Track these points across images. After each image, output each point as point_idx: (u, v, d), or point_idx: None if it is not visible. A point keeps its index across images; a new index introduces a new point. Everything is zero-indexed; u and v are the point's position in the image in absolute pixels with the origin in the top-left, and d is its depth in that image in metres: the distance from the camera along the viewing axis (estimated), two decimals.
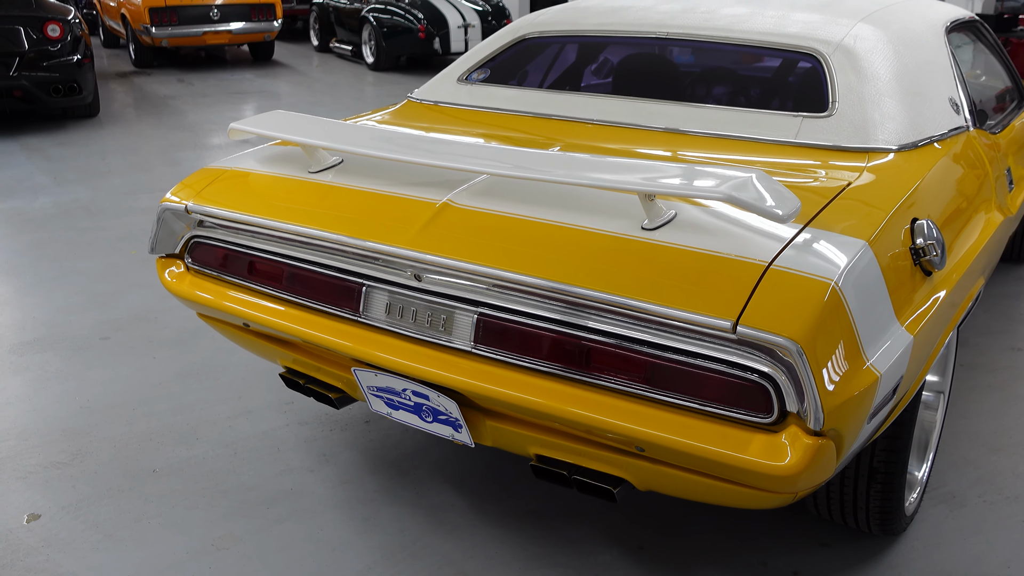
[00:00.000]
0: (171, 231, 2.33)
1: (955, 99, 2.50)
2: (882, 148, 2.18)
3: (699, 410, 1.63)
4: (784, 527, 2.44)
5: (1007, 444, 2.85)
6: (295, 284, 2.11)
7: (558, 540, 2.40)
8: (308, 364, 2.24)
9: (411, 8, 10.92)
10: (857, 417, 1.59)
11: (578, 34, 2.87)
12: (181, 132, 7.77)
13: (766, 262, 1.61)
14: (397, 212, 1.97)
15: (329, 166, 2.23)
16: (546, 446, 1.90)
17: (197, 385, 3.25)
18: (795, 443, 1.54)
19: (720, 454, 1.58)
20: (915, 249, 1.86)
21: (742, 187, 1.63)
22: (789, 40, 2.49)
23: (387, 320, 1.97)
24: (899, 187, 1.99)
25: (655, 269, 1.66)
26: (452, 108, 2.81)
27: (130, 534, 2.43)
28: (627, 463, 1.79)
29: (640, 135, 2.41)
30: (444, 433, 2.03)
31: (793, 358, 1.49)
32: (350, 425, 2.96)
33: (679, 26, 2.70)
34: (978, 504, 2.55)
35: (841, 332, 1.56)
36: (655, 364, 1.65)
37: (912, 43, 2.53)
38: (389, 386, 2.02)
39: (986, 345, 3.58)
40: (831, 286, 1.56)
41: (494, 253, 1.79)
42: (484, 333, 1.84)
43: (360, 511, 2.53)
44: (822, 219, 1.78)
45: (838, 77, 2.33)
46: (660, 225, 1.76)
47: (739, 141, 2.30)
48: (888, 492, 2.15)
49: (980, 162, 2.49)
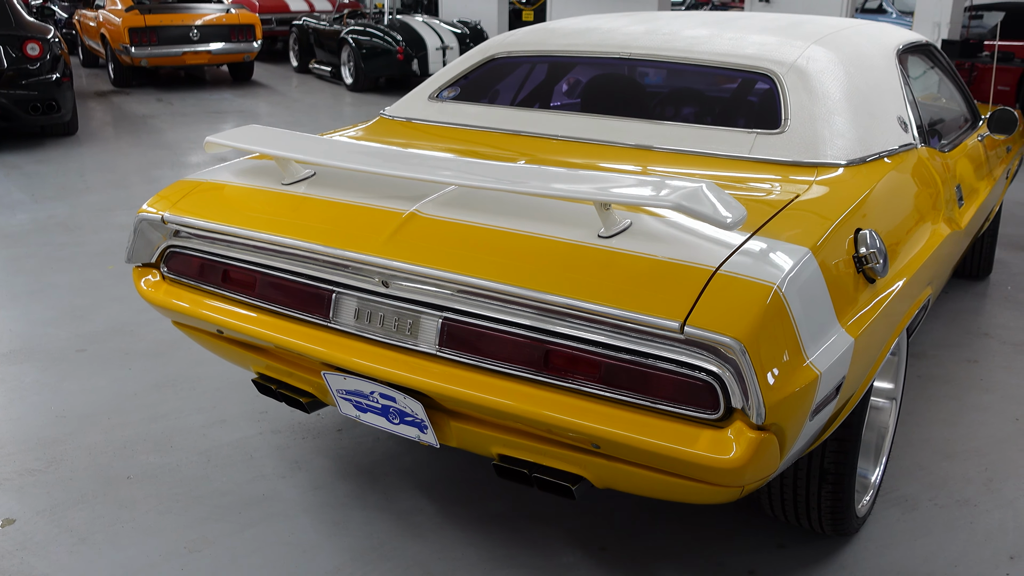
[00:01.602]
0: (147, 241, 2.40)
1: (903, 118, 2.62)
2: (831, 163, 2.28)
3: (651, 408, 1.72)
4: (741, 529, 2.52)
5: (959, 451, 2.95)
6: (268, 291, 2.18)
7: (523, 542, 2.47)
8: (280, 370, 2.31)
9: (390, 30, 11.04)
10: (798, 413, 1.68)
11: (546, 54, 2.98)
12: (159, 150, 7.82)
13: (713, 267, 1.70)
14: (366, 221, 2.05)
15: (302, 178, 2.31)
16: (508, 446, 1.97)
17: (172, 395, 3.30)
18: (740, 437, 1.63)
19: (670, 449, 1.67)
20: (858, 257, 1.96)
21: (691, 196, 1.73)
22: (745, 61, 2.60)
23: (356, 325, 2.04)
24: (845, 199, 2.10)
25: (610, 274, 1.75)
26: (423, 124, 2.91)
27: (104, 538, 2.48)
28: (584, 460, 1.87)
29: (603, 150, 2.51)
30: (410, 434, 2.10)
31: (737, 356, 1.58)
32: (322, 433, 3.02)
33: (642, 47, 2.80)
34: (929, 507, 2.65)
35: (783, 332, 1.65)
36: (610, 365, 1.74)
37: (863, 64, 2.65)
38: (358, 389, 2.09)
39: (944, 357, 3.69)
40: (773, 289, 1.66)
41: (458, 260, 1.88)
42: (449, 337, 1.91)
43: (331, 515, 2.59)
44: (769, 228, 1.88)
45: (791, 96, 2.44)
46: (615, 233, 1.85)
47: (696, 156, 2.41)
48: (839, 492, 2.23)
49: (928, 178, 2.60)
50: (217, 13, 11.38)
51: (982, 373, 3.55)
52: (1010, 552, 2.44)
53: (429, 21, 11.59)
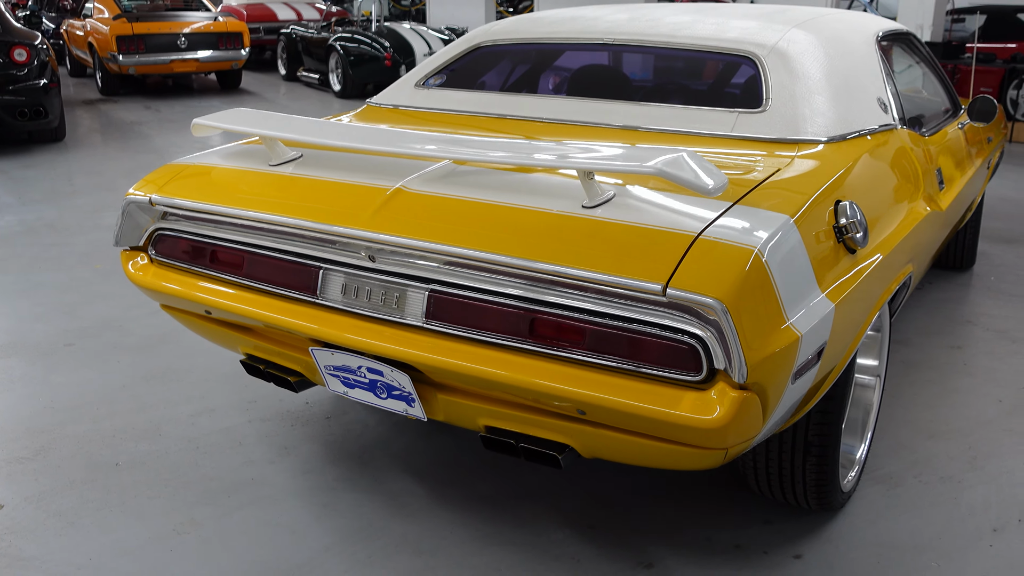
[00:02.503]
0: (135, 224, 2.41)
1: (883, 99, 2.66)
2: (812, 140, 2.32)
3: (636, 372, 1.74)
4: (729, 506, 2.54)
5: (943, 431, 2.98)
6: (256, 270, 2.20)
7: (512, 521, 2.48)
8: (268, 349, 2.32)
9: (378, 37, 11.08)
10: (780, 374, 1.70)
11: (531, 41, 3.01)
12: (147, 155, 7.82)
13: (695, 232, 1.73)
14: (352, 197, 2.07)
15: (289, 159, 2.33)
16: (494, 416, 1.99)
17: (161, 387, 3.31)
18: (722, 397, 1.65)
19: (654, 411, 1.69)
20: (838, 227, 1.99)
21: (673, 163, 1.76)
22: (728, 44, 2.64)
23: (343, 300, 2.06)
24: (825, 173, 2.13)
25: (594, 242, 1.77)
26: (410, 110, 2.93)
27: (92, 521, 2.48)
28: (571, 428, 1.89)
29: (588, 131, 2.54)
30: (398, 408, 2.11)
31: (718, 316, 1.61)
32: (311, 421, 3.03)
33: (626, 33, 2.84)
34: (913, 484, 2.67)
35: (763, 294, 1.68)
36: (595, 331, 1.76)
37: (843, 47, 2.69)
38: (345, 364, 2.10)
39: (928, 344, 3.72)
40: (755, 252, 1.68)
41: (443, 231, 1.90)
42: (435, 309, 1.93)
43: (319, 498, 2.60)
44: (750, 198, 1.91)
45: (772, 77, 2.47)
46: (599, 204, 1.87)
47: (680, 135, 2.44)
48: (823, 466, 2.26)
49: (908, 157, 2.64)
50: (205, 21, 11.40)
51: (966, 358, 3.58)
52: (993, 525, 2.47)
53: (417, 28, 11.64)
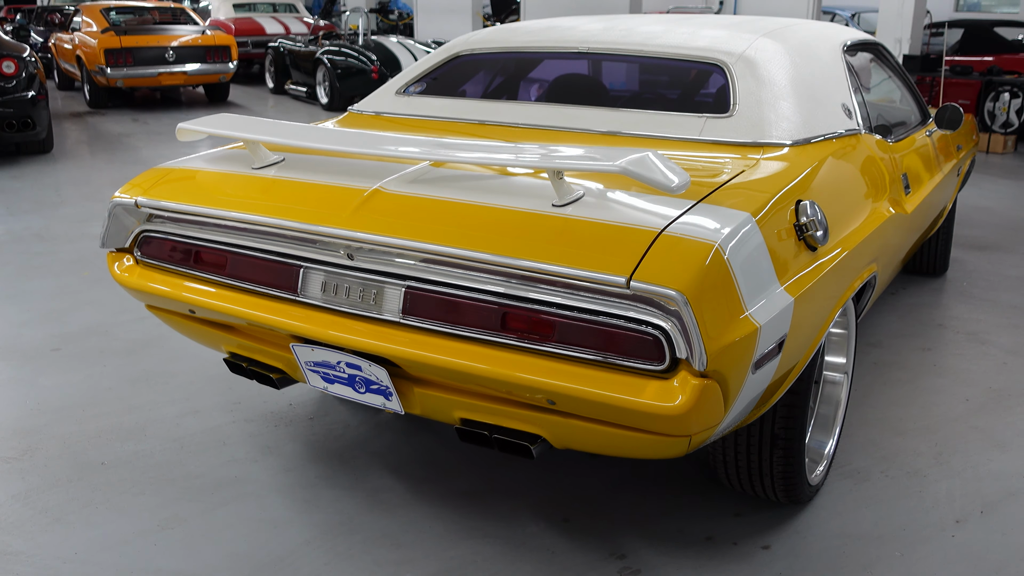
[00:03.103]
0: (121, 226, 2.47)
1: (847, 105, 2.75)
2: (777, 143, 2.40)
3: (603, 363, 1.81)
4: (700, 500, 2.61)
5: (910, 428, 3.07)
6: (239, 269, 2.26)
7: (489, 515, 2.54)
8: (250, 347, 2.39)
9: (365, 50, 11.18)
10: (740, 363, 1.78)
11: (509, 50, 3.09)
12: (135, 166, 7.87)
13: (659, 229, 1.81)
14: (332, 198, 2.14)
15: (271, 163, 2.40)
16: (469, 409, 2.06)
17: (147, 389, 3.36)
18: (684, 385, 1.73)
19: (620, 400, 1.76)
20: (798, 225, 2.07)
21: (638, 162, 1.83)
22: (698, 52, 2.73)
23: (323, 298, 2.13)
24: (788, 174, 2.21)
25: (563, 238, 1.85)
26: (391, 117, 3.01)
27: (78, 518, 2.53)
28: (542, 419, 1.96)
29: (563, 135, 2.62)
30: (376, 402, 2.18)
31: (680, 307, 1.68)
32: (294, 421, 3.09)
33: (601, 42, 2.93)
34: (880, 479, 2.75)
35: (723, 287, 1.76)
36: (564, 323, 1.83)
37: (809, 56, 2.78)
38: (325, 360, 2.17)
39: (899, 346, 3.81)
40: (715, 247, 1.76)
41: (420, 229, 1.97)
42: (411, 304, 2.00)
43: (301, 494, 2.66)
44: (714, 197, 1.99)
45: (739, 83, 2.56)
46: (568, 203, 1.95)
47: (650, 139, 2.52)
48: (789, 458, 2.33)
49: (872, 161, 2.73)
50: (193, 35, 11.48)
51: (936, 359, 3.67)
52: (956, 516, 2.55)
53: (404, 42, 11.74)
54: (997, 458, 2.87)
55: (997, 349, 3.78)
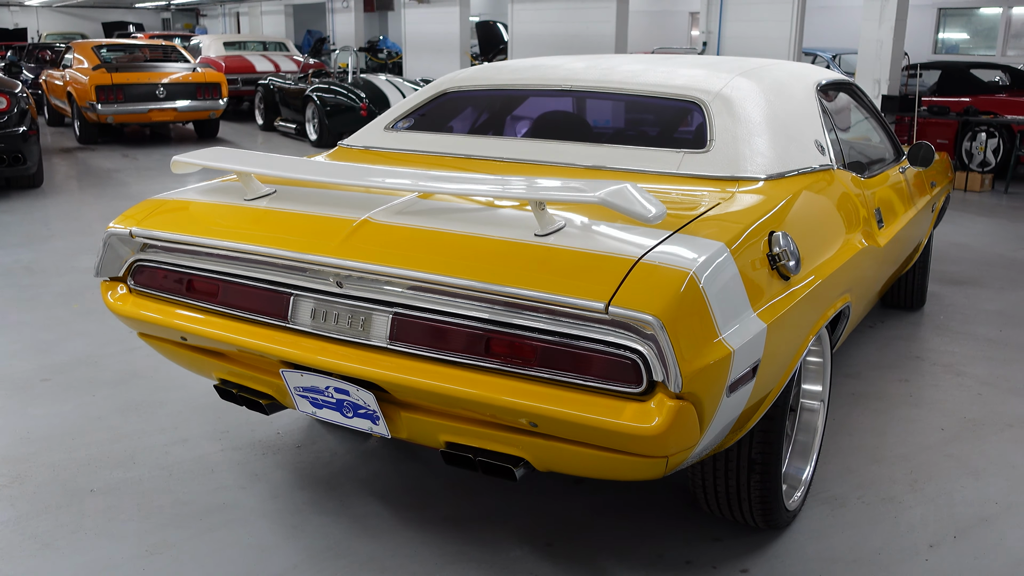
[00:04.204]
0: (116, 255, 2.53)
1: (820, 142, 2.85)
2: (751, 177, 2.50)
3: (583, 386, 1.88)
4: (680, 524, 2.66)
5: (887, 456, 3.13)
6: (230, 297, 2.33)
7: (474, 540, 2.59)
8: (240, 373, 2.44)
9: (354, 88, 11.33)
10: (714, 385, 1.85)
11: (494, 88, 3.19)
12: (124, 201, 7.93)
13: (636, 257, 1.88)
14: (322, 228, 2.21)
15: (263, 195, 2.47)
16: (454, 432, 2.12)
17: (136, 418, 3.40)
18: (660, 407, 1.79)
19: (599, 421, 1.82)
20: (771, 255, 2.16)
21: (616, 193, 1.92)
22: (676, 90, 2.83)
23: (313, 324, 2.19)
24: (762, 207, 2.30)
25: (544, 266, 1.92)
26: (380, 151, 3.09)
27: (67, 544, 2.56)
28: (524, 442, 2.02)
29: (546, 169, 2.71)
30: (363, 427, 2.24)
31: (656, 331, 1.76)
32: (282, 450, 3.13)
33: (583, 80, 3.03)
34: (857, 504, 2.81)
35: (698, 313, 1.83)
36: (545, 348, 1.90)
37: (783, 94, 2.89)
38: (313, 385, 2.23)
39: (877, 377, 3.89)
40: (690, 275, 1.84)
41: (407, 258, 2.04)
42: (398, 330, 2.07)
43: (288, 520, 2.69)
44: (690, 228, 2.07)
45: (716, 120, 2.66)
46: (550, 232, 2.02)
47: (629, 173, 2.61)
48: (766, 482, 2.39)
49: (844, 195, 2.82)
50: (184, 72, 11.61)
51: (912, 390, 3.75)
52: (930, 541, 2.61)
53: (392, 79, 11.90)
54: (971, 485, 2.94)
55: (972, 380, 3.86)
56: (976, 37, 16.97)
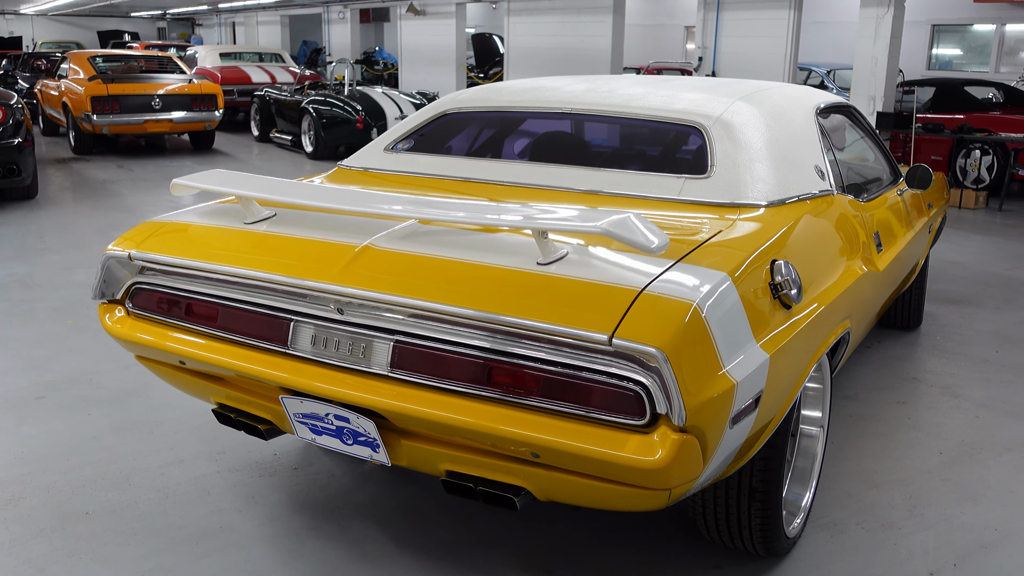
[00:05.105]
0: (114, 278, 2.52)
1: (820, 167, 2.85)
2: (752, 204, 2.49)
3: (585, 417, 1.87)
4: (680, 552, 2.65)
5: (886, 481, 3.13)
6: (229, 322, 2.31)
7: (471, 567, 2.57)
8: (239, 398, 2.42)
9: (350, 100, 11.33)
10: (718, 418, 1.84)
11: (494, 110, 3.19)
12: (120, 213, 7.91)
13: (640, 287, 1.88)
14: (323, 253, 2.20)
15: (263, 218, 2.46)
16: (455, 461, 2.10)
17: (131, 438, 3.37)
18: (664, 440, 1.78)
19: (602, 453, 1.81)
20: (773, 284, 2.15)
21: (619, 224, 1.91)
22: (676, 115, 2.83)
23: (313, 351, 2.18)
24: (763, 234, 2.30)
25: (547, 296, 1.92)
26: (379, 173, 3.09)
27: (62, 568, 2.54)
28: (526, 472, 2.01)
29: (547, 194, 2.70)
30: (363, 454, 2.22)
31: (659, 364, 1.75)
32: (278, 471, 3.11)
33: (583, 103, 3.03)
34: (856, 531, 2.80)
35: (701, 345, 1.82)
36: (548, 378, 1.89)
37: (783, 119, 2.90)
38: (313, 412, 2.21)
39: (875, 399, 3.89)
40: (693, 306, 1.84)
41: (408, 285, 2.03)
42: (399, 358, 2.06)
43: (286, 544, 2.67)
44: (692, 257, 2.07)
45: (716, 145, 2.66)
46: (552, 261, 2.02)
47: (631, 198, 2.61)
48: (767, 510, 2.38)
49: (844, 221, 2.83)
50: (180, 83, 11.60)
51: (910, 412, 3.75)
52: (930, 569, 2.60)
53: (388, 92, 11.91)
54: (970, 511, 2.93)
55: (969, 403, 3.86)
56: (969, 53, 17.07)
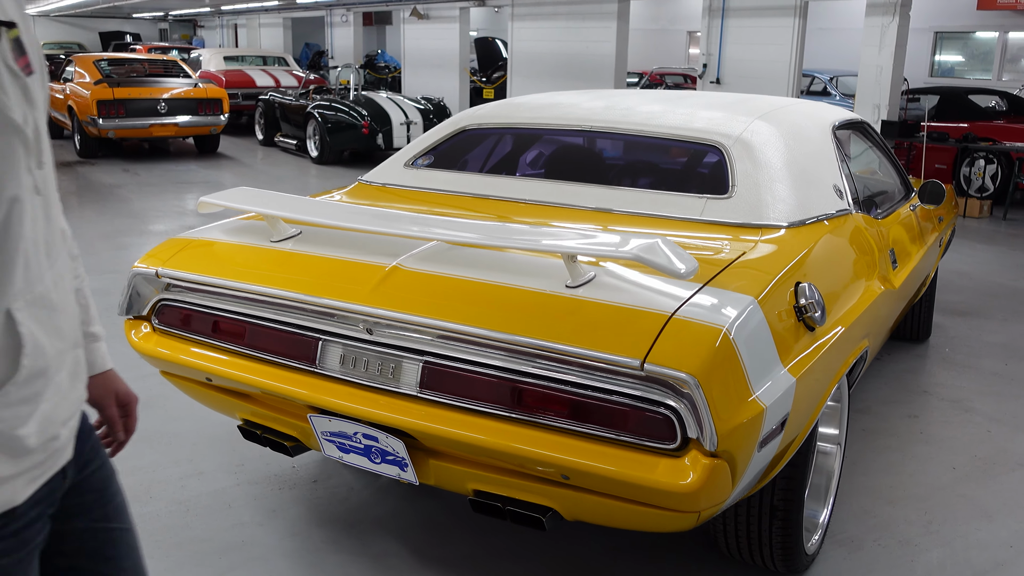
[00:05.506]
0: (141, 295, 2.54)
1: (839, 186, 2.88)
2: (774, 225, 2.52)
3: (615, 440, 1.89)
4: (699, 568, 2.67)
5: (901, 497, 3.15)
6: (257, 340, 2.33)
7: None
8: (265, 415, 2.44)
9: (355, 105, 11.36)
10: (747, 443, 1.86)
11: (513, 126, 3.21)
12: (126, 219, 7.93)
13: (670, 312, 1.90)
14: (352, 274, 2.23)
15: (289, 236, 2.48)
16: (483, 481, 2.12)
17: (149, 450, 3.39)
18: (695, 464, 1.81)
19: (633, 476, 1.84)
20: (798, 307, 2.18)
21: (649, 249, 1.94)
22: (696, 134, 2.86)
23: (341, 370, 2.20)
24: (786, 256, 2.32)
25: (577, 319, 1.94)
26: (399, 189, 3.11)
27: None
28: (554, 492, 2.03)
29: (567, 213, 2.73)
30: (391, 473, 2.24)
31: (691, 390, 1.77)
32: (298, 484, 3.13)
33: (602, 120, 3.05)
34: (873, 547, 2.82)
35: (731, 370, 1.85)
36: (578, 402, 1.91)
37: (801, 138, 2.92)
38: (342, 430, 2.24)
39: (887, 413, 3.91)
40: (723, 332, 1.86)
41: (438, 307, 2.06)
42: (429, 379, 2.08)
43: (307, 559, 2.69)
44: (719, 280, 2.09)
45: (737, 165, 2.68)
46: (581, 284, 2.04)
47: (653, 218, 2.63)
48: (788, 528, 2.41)
49: (863, 240, 2.85)
50: (185, 87, 11.62)
51: (922, 427, 3.77)
52: None
53: (393, 97, 11.93)
54: (985, 527, 2.96)
55: (981, 417, 3.88)
56: (972, 60, 17.12)
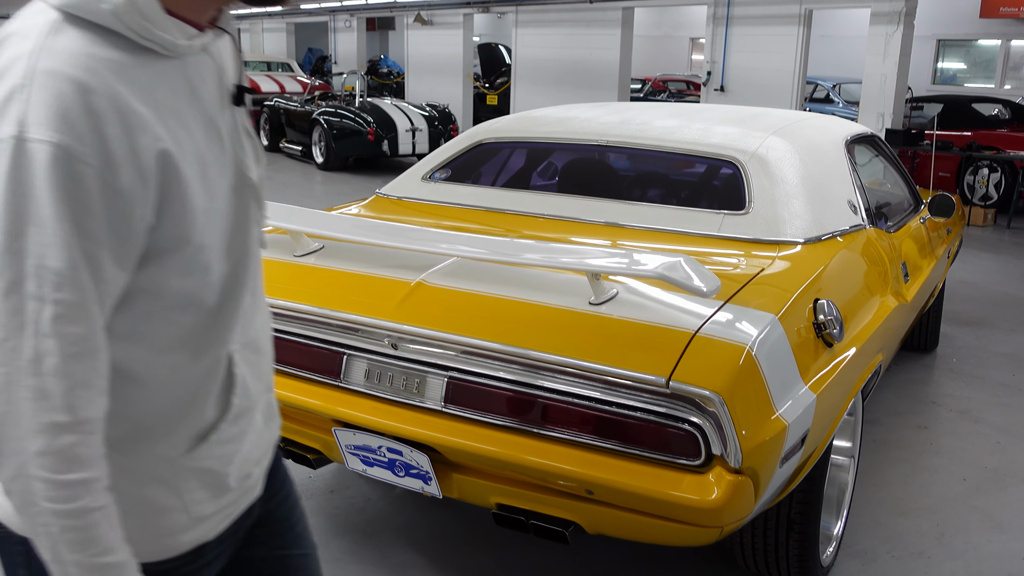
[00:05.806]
0: None
1: (853, 201, 2.91)
2: (791, 241, 2.55)
3: (640, 456, 1.92)
4: None
5: (913, 508, 3.18)
6: (282, 354, 2.36)
7: None
8: (289, 428, 2.47)
9: (361, 112, 11.40)
10: (771, 459, 1.89)
11: (529, 140, 3.25)
12: None
13: (693, 330, 1.93)
14: (376, 290, 2.26)
15: (312, 251, 2.52)
16: (506, 495, 2.15)
17: None
18: (720, 480, 1.84)
19: (658, 492, 1.87)
20: (817, 324, 2.21)
21: (672, 268, 1.97)
22: (712, 149, 2.89)
23: (366, 384, 2.23)
24: (804, 273, 2.36)
25: (601, 336, 1.97)
26: (417, 203, 3.14)
27: None
28: (578, 507, 2.06)
29: (583, 228, 2.76)
30: (415, 486, 2.27)
31: (716, 407, 1.80)
32: (315, 494, 3.16)
33: (618, 135, 3.09)
34: (887, 559, 2.85)
35: (755, 388, 1.88)
36: (603, 418, 1.94)
37: (816, 153, 2.96)
38: (366, 444, 2.26)
39: (896, 424, 3.94)
40: (746, 350, 1.89)
41: (463, 324, 2.09)
42: (453, 394, 2.11)
43: (327, 570, 2.69)
44: (739, 297, 2.13)
45: (753, 181, 2.72)
46: (604, 301, 2.07)
47: (672, 233, 2.66)
48: (804, 541, 2.43)
49: (876, 255, 2.88)
50: None
51: (932, 438, 3.80)
52: None
53: (399, 104, 11.98)
54: (996, 539, 2.99)
55: (990, 428, 3.91)
56: (975, 68, 17.16)
